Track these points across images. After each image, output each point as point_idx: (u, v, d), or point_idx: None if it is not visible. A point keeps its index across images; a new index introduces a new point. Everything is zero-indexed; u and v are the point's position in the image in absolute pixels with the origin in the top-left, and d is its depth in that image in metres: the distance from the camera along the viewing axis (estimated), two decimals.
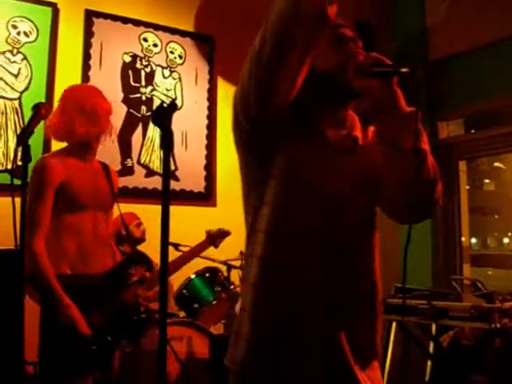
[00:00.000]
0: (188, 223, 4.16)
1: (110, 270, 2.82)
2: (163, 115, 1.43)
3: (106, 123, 2.89)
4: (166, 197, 1.35)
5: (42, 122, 2.54)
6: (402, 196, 1.54)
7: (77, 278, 2.69)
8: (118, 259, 2.97)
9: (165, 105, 1.44)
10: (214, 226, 4.51)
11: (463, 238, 5.11)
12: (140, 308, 2.85)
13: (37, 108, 2.14)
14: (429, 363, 4.08)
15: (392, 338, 3.92)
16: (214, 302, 3.71)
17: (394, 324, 3.92)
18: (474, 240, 5.72)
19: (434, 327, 3.98)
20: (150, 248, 3.93)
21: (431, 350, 4.06)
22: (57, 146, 4.03)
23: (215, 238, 3.66)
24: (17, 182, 2.16)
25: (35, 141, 2.15)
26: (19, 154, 2.10)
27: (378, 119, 1.56)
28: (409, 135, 1.47)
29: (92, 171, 2.92)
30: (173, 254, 3.31)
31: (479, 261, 5.46)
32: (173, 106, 1.44)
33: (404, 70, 1.44)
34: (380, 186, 1.58)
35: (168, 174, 1.37)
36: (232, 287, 3.84)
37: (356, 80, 1.50)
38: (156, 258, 3.98)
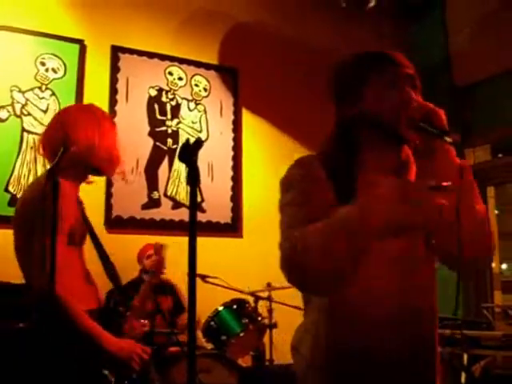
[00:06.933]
0: (215, 254, 4.17)
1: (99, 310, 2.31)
2: (189, 152, 1.45)
3: None
4: (193, 234, 1.35)
5: None
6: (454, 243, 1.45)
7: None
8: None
9: (190, 142, 1.45)
10: (241, 256, 4.52)
11: (493, 265, 5.04)
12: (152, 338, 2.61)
13: (66, 145, 2.18)
14: None
15: None
16: (242, 334, 3.69)
17: None
18: (504, 266, 5.64)
19: (465, 356, 3.91)
20: (178, 280, 3.95)
21: (463, 380, 3.99)
22: None
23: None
24: None
25: None
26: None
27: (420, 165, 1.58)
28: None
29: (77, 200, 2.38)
30: (201, 286, 3.29)
31: (510, 287, 5.38)
32: (198, 143, 1.45)
33: (449, 139, 1.41)
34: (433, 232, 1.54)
35: (194, 211, 1.38)
36: (259, 319, 3.82)
37: (403, 127, 1.48)
38: (184, 289, 3.98)
